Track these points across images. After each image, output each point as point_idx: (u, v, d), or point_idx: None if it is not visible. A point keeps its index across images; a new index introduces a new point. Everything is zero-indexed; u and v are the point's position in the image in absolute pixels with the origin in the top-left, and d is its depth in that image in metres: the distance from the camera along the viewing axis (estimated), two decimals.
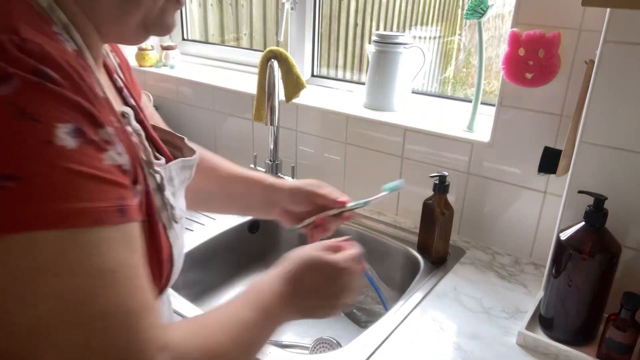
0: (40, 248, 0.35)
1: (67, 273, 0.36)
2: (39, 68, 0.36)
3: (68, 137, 0.36)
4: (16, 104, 0.34)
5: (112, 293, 0.37)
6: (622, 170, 0.83)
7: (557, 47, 0.95)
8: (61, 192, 0.35)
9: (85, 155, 0.37)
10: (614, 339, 0.77)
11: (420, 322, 0.90)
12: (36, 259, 0.35)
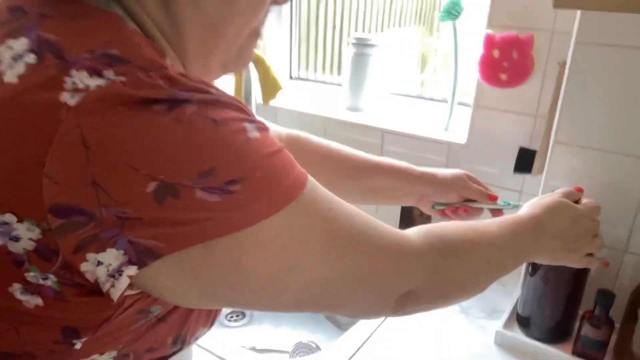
0: (285, 226, 0.39)
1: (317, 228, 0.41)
2: (205, 89, 0.38)
3: (253, 130, 0.39)
4: (208, 117, 0.36)
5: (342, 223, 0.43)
6: (595, 169, 0.85)
7: (530, 48, 0.96)
8: (276, 176, 0.38)
9: (268, 139, 0.40)
10: (588, 336, 0.78)
11: (399, 323, 0.90)
12: (285, 236, 0.39)
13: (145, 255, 0.35)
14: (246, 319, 1.14)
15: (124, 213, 0.34)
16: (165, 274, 0.37)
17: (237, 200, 0.36)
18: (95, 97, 0.34)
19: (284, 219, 0.38)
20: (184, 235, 0.35)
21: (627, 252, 0.86)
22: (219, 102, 0.38)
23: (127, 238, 0.34)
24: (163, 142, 0.34)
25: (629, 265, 0.86)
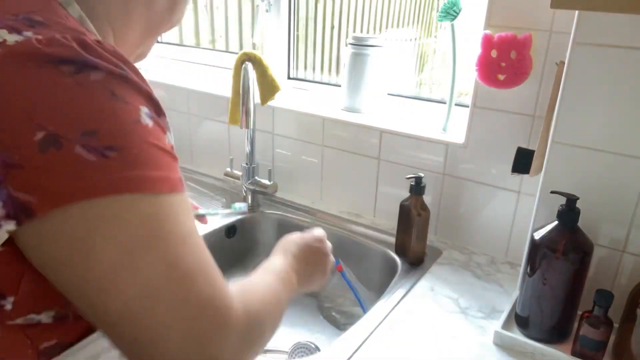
0: (140, 211, 0.40)
1: (163, 239, 0.41)
2: (117, 62, 0.42)
3: (147, 118, 0.42)
4: (109, 88, 0.40)
5: (193, 253, 0.43)
6: (593, 169, 0.85)
7: (528, 48, 0.96)
8: (149, 162, 0.41)
9: (158, 134, 0.43)
10: (587, 336, 0.78)
11: (399, 323, 0.90)
12: (134, 223, 0.40)
13: (21, 212, 0.37)
14: None
15: (10, 159, 0.37)
16: (34, 236, 0.39)
17: (109, 166, 0.39)
18: (10, 51, 0.39)
19: (140, 204, 0.40)
20: (56, 193, 0.37)
21: (625, 252, 0.86)
22: (125, 78, 0.42)
23: (7, 190, 0.37)
24: (59, 98, 0.38)
25: (628, 266, 0.86)
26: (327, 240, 0.81)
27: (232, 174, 1.34)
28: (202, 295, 0.42)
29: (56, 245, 0.39)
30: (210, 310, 0.42)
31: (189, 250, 0.43)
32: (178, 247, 0.42)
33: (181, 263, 0.42)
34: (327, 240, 0.80)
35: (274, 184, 1.29)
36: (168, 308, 0.40)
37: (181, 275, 0.41)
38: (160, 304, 0.40)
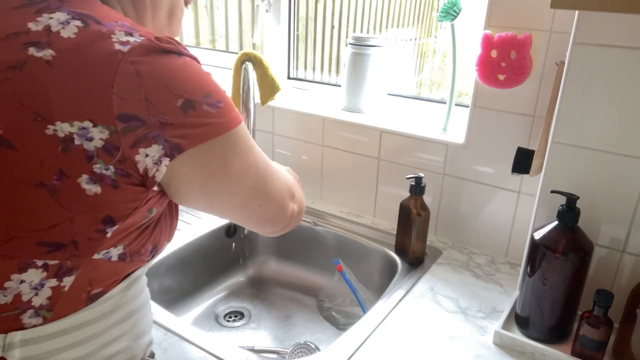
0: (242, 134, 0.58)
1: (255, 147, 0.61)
2: (188, 52, 0.56)
3: (217, 83, 0.57)
4: (199, 64, 0.56)
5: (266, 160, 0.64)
6: (593, 169, 0.85)
7: (528, 48, 0.96)
8: (232, 106, 0.57)
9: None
10: (587, 336, 0.78)
11: (399, 323, 0.90)
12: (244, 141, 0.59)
13: (175, 150, 0.51)
14: (245, 319, 1.14)
15: (164, 119, 0.50)
16: (184, 166, 0.53)
17: (222, 112, 0.55)
18: (139, 46, 0.51)
19: (241, 131, 0.58)
20: (198, 135, 0.53)
21: (625, 252, 0.86)
22: (195, 58, 0.57)
23: (164, 137, 0.51)
24: (183, 74, 0.53)
25: (628, 266, 0.86)
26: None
27: None
28: (283, 180, 0.68)
29: (205, 164, 0.55)
30: (289, 189, 0.69)
31: (263, 157, 0.64)
32: (261, 154, 0.63)
33: (267, 161, 0.64)
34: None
35: None
36: (275, 182, 0.65)
37: (272, 168, 0.65)
38: (270, 180, 0.64)
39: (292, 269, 1.29)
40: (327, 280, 1.20)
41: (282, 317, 1.16)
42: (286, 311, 1.18)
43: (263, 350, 1.05)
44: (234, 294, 1.23)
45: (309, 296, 1.22)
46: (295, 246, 1.29)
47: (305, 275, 1.27)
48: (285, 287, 1.26)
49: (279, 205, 0.67)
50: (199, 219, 1.26)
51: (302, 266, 1.28)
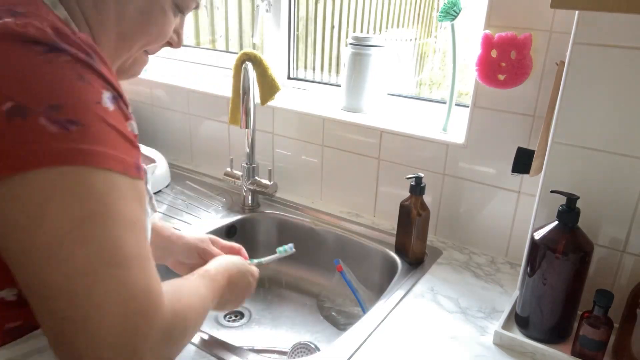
0: (92, 185, 0.42)
1: (111, 218, 0.42)
2: (87, 50, 0.46)
3: (108, 102, 0.46)
4: (76, 70, 0.44)
5: (134, 241, 0.44)
6: (593, 169, 0.85)
7: (528, 48, 0.96)
8: (106, 140, 0.44)
9: (119, 118, 0.46)
10: (587, 336, 0.78)
11: (399, 323, 0.90)
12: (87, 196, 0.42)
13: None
14: (245, 319, 1.14)
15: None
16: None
17: (68, 137, 0.41)
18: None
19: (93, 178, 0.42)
20: (18, 157, 0.40)
21: (625, 252, 0.86)
22: (91, 65, 0.45)
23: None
24: (27, 73, 0.42)
25: (628, 266, 0.86)
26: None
27: (232, 174, 1.34)
28: (138, 283, 0.43)
29: (12, 207, 0.40)
30: (143, 300, 0.43)
31: (133, 236, 0.44)
32: (124, 230, 0.43)
33: (125, 246, 0.43)
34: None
35: (274, 184, 1.29)
36: (106, 289, 0.41)
37: (123, 259, 0.42)
38: (100, 283, 0.41)
39: (292, 269, 1.29)
40: (327, 280, 1.20)
41: (282, 317, 1.16)
42: (286, 311, 1.18)
43: (263, 350, 1.05)
44: None
45: (309, 296, 1.22)
46: (295, 246, 1.29)
47: (305, 275, 1.27)
48: (285, 287, 1.26)
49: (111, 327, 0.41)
50: (199, 219, 1.26)
51: (302, 266, 1.28)
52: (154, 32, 0.59)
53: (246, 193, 1.32)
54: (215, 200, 1.38)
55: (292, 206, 1.34)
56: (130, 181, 0.45)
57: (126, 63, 0.61)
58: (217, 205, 1.35)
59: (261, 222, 1.33)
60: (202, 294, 0.61)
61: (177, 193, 1.41)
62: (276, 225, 1.32)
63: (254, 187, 1.30)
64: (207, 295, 0.62)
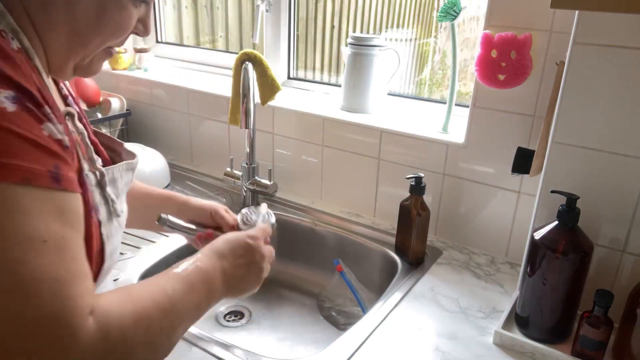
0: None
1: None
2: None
3: (7, 101, 0.40)
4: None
5: (42, 261, 0.38)
6: (593, 169, 0.85)
7: (528, 48, 0.96)
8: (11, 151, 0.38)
9: (23, 120, 0.40)
10: (587, 336, 0.78)
11: (399, 323, 0.90)
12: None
13: None
14: (245, 319, 1.14)
15: None
16: None
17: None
18: None
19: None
20: None
21: (625, 252, 0.86)
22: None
23: None
24: None
25: (628, 266, 0.86)
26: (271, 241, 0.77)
27: (232, 174, 1.34)
28: (43, 310, 0.37)
29: None
30: (52, 329, 0.37)
31: (36, 255, 0.38)
32: (20, 249, 0.37)
33: (21, 268, 0.37)
34: (263, 241, 0.73)
35: (274, 184, 1.29)
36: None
37: (18, 283, 0.36)
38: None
39: (292, 269, 1.29)
40: (327, 280, 1.20)
41: (282, 317, 1.16)
42: (286, 311, 1.18)
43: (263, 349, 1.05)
44: None
45: (309, 296, 1.22)
46: (295, 246, 1.29)
47: (305, 275, 1.27)
48: (285, 287, 1.26)
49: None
50: None
51: (302, 266, 1.28)
52: (109, 29, 0.54)
53: (246, 193, 1.32)
54: (215, 200, 1.38)
55: (292, 206, 1.34)
56: (38, 192, 0.40)
57: (84, 61, 0.56)
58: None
59: None
60: (166, 295, 0.52)
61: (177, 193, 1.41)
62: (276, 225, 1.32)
63: (254, 187, 1.30)
64: (183, 291, 0.55)
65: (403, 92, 1.43)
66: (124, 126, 1.64)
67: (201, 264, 0.61)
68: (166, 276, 0.56)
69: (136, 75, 1.64)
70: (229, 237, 0.69)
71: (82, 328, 0.39)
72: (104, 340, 0.41)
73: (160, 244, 1.12)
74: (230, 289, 0.64)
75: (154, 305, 0.49)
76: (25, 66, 0.44)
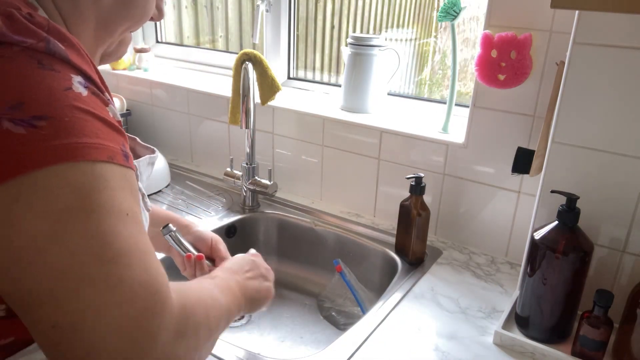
0: (71, 180, 0.38)
1: (94, 211, 0.39)
2: (44, 36, 0.41)
3: (80, 87, 0.42)
4: (36, 58, 0.40)
5: (129, 232, 0.40)
6: (594, 169, 0.85)
7: (528, 48, 0.96)
8: (83, 129, 0.40)
9: (95, 103, 0.42)
10: (587, 336, 0.78)
11: (399, 323, 0.90)
12: (68, 193, 0.38)
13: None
14: (245, 319, 1.14)
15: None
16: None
17: (39, 136, 0.38)
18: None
19: (72, 172, 0.38)
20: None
21: (625, 252, 0.86)
22: (52, 53, 0.41)
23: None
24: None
25: (628, 266, 0.86)
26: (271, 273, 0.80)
27: (232, 174, 1.34)
28: (137, 279, 0.39)
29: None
30: (146, 297, 0.39)
31: (125, 229, 0.40)
32: (113, 222, 0.39)
33: (115, 240, 0.39)
34: (261, 260, 0.79)
35: (274, 184, 1.29)
36: (97, 290, 0.37)
37: (115, 254, 0.38)
38: (88, 284, 0.37)
39: (292, 269, 1.29)
40: (327, 280, 1.20)
41: (282, 317, 1.16)
42: (286, 311, 1.18)
43: (262, 349, 1.05)
44: None
45: (309, 296, 1.22)
46: (295, 246, 1.29)
47: (305, 275, 1.27)
48: (285, 287, 1.26)
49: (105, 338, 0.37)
50: (198, 219, 1.26)
51: (302, 266, 1.28)
52: (137, 14, 0.55)
53: (246, 193, 1.32)
54: (215, 200, 1.38)
55: (292, 206, 1.34)
56: (118, 169, 0.42)
57: (111, 47, 0.58)
58: (217, 205, 1.35)
59: (261, 222, 1.33)
60: (208, 289, 0.57)
61: (177, 193, 1.41)
62: (276, 226, 1.32)
63: (254, 187, 1.30)
64: (215, 289, 0.58)
65: (403, 92, 1.43)
66: (124, 126, 1.64)
67: (216, 277, 0.65)
68: (197, 280, 0.60)
69: (136, 75, 1.64)
70: (235, 258, 0.76)
71: (169, 297, 0.41)
72: (183, 312, 0.43)
73: None
74: (248, 300, 0.67)
75: (203, 293, 0.52)
76: (84, 53, 0.45)
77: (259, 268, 0.75)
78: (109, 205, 0.40)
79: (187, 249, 0.81)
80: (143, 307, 0.39)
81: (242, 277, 0.69)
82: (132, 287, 0.39)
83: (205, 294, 0.53)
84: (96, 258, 0.38)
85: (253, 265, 0.74)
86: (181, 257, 0.81)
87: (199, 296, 0.50)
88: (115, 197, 0.40)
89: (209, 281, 0.61)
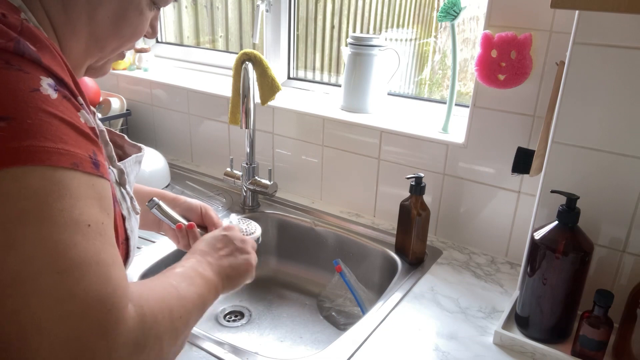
0: (27, 185, 0.37)
1: (49, 218, 0.37)
2: (13, 37, 0.40)
3: (49, 88, 0.41)
4: (3, 57, 0.39)
5: (88, 244, 0.39)
6: (594, 169, 0.85)
7: (528, 48, 0.96)
8: (46, 132, 0.39)
9: (65, 107, 0.42)
10: (587, 336, 0.78)
11: (399, 323, 0.90)
12: (23, 198, 0.37)
13: None
14: (245, 319, 1.14)
15: None
16: None
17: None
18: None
19: (28, 176, 0.37)
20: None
21: (625, 252, 0.86)
22: (22, 53, 0.40)
23: None
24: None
25: (628, 265, 0.86)
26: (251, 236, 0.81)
27: (232, 174, 1.34)
28: (91, 293, 0.37)
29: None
30: (99, 312, 0.37)
31: (85, 240, 0.38)
32: (70, 232, 0.38)
33: (70, 251, 0.37)
34: (239, 232, 0.76)
35: (274, 184, 1.29)
36: (44, 302, 0.35)
37: (68, 266, 0.37)
38: (35, 296, 0.35)
39: (292, 269, 1.29)
40: (327, 280, 1.20)
41: (282, 317, 1.16)
42: (286, 311, 1.18)
43: (262, 349, 1.05)
44: (234, 294, 1.23)
45: (309, 296, 1.22)
46: (295, 246, 1.29)
47: (305, 275, 1.27)
48: (285, 287, 1.26)
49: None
50: None
51: (302, 266, 1.28)
52: (127, 34, 0.55)
53: (246, 193, 1.32)
54: (215, 200, 1.38)
55: (292, 206, 1.34)
56: (84, 177, 0.40)
57: (98, 63, 0.58)
58: (217, 205, 1.35)
59: (261, 222, 1.33)
60: (177, 288, 0.53)
61: (177, 193, 1.41)
62: (276, 225, 1.32)
63: (254, 187, 1.30)
64: (188, 286, 0.56)
65: (403, 92, 1.43)
66: (124, 126, 1.64)
67: (187, 263, 0.61)
68: (164, 274, 0.56)
69: (136, 75, 1.64)
70: (205, 237, 0.71)
71: (125, 312, 0.40)
72: (141, 323, 0.42)
73: (160, 244, 1.12)
74: (225, 279, 0.65)
75: (167, 293, 0.50)
76: (59, 56, 0.45)
77: (233, 242, 0.71)
78: (66, 214, 0.38)
79: (177, 220, 0.78)
80: (94, 323, 0.37)
81: (215, 257, 0.66)
82: (85, 301, 0.37)
83: (170, 295, 0.50)
84: (48, 268, 0.36)
85: (226, 241, 0.70)
86: (172, 230, 0.78)
87: (162, 300, 0.48)
88: (75, 205, 0.39)
89: (176, 275, 0.57)
